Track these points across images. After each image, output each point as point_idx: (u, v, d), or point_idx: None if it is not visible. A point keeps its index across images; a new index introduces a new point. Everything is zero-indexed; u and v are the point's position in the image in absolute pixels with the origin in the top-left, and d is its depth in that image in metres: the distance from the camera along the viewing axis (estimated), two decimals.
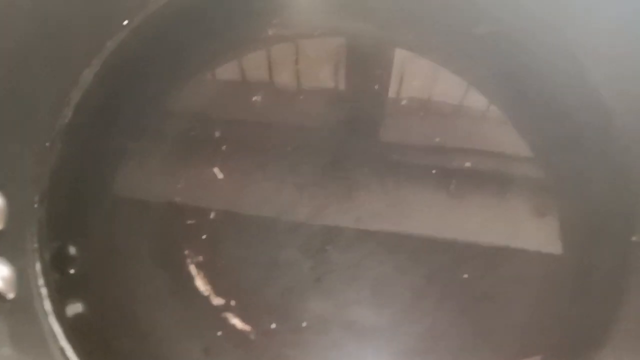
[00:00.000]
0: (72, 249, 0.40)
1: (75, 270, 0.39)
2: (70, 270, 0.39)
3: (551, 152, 0.43)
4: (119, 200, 0.42)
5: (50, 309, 0.37)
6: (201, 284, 0.39)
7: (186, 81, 0.46)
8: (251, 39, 0.48)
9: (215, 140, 0.43)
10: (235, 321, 0.38)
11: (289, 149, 0.43)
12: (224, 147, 0.43)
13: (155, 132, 0.44)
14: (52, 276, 0.38)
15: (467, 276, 0.39)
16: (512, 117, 0.44)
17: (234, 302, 0.38)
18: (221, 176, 0.42)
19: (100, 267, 0.40)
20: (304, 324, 0.38)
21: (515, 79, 0.45)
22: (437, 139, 0.43)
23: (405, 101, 0.45)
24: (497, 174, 0.42)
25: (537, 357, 0.37)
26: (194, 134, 0.44)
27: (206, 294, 0.39)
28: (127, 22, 0.46)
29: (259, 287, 0.39)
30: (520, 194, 0.42)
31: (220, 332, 0.38)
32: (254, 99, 0.45)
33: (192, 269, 0.39)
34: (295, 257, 0.39)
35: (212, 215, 0.41)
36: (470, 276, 0.39)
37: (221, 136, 0.43)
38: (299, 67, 0.46)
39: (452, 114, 0.44)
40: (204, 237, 0.40)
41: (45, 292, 0.38)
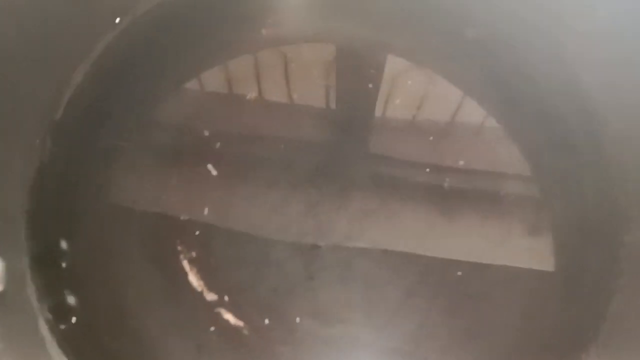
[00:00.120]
0: (63, 245, 0.39)
1: (65, 266, 0.39)
2: (60, 266, 0.39)
3: (542, 156, 0.43)
4: (110, 197, 0.41)
5: (39, 306, 0.37)
6: (194, 280, 0.39)
7: (178, 81, 0.46)
8: (244, 40, 0.47)
9: (208, 138, 0.43)
10: (228, 317, 0.38)
11: (282, 147, 0.43)
12: (218, 145, 0.43)
13: (147, 130, 0.44)
14: (42, 273, 0.38)
15: (459, 275, 0.39)
16: (504, 119, 0.44)
17: (227, 297, 0.38)
18: (215, 173, 0.42)
19: (91, 263, 0.39)
20: (297, 320, 0.38)
21: (506, 82, 0.45)
22: (431, 138, 0.43)
23: (398, 101, 0.45)
24: (490, 175, 0.43)
25: (528, 357, 0.37)
26: (187, 132, 0.43)
27: (199, 289, 0.39)
28: (118, 20, 0.45)
29: (252, 283, 0.39)
30: (512, 197, 0.42)
31: (213, 328, 0.38)
32: (248, 98, 0.45)
33: (185, 264, 0.39)
34: (288, 254, 0.40)
35: (206, 211, 0.41)
36: (462, 275, 0.39)
37: (215, 134, 0.43)
38: (292, 68, 0.46)
39: (445, 115, 0.45)
40: (197, 233, 0.40)
41: (34, 289, 0.37)
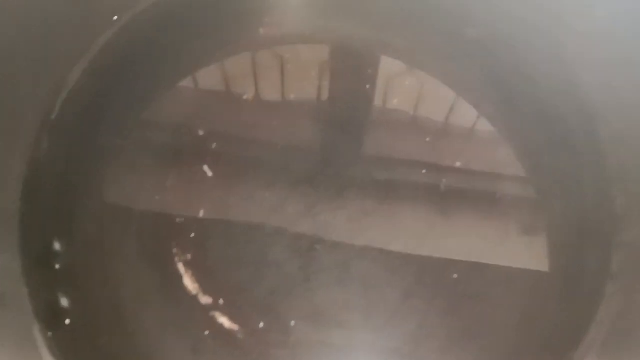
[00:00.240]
0: (58, 246, 0.39)
1: (60, 267, 0.39)
2: (55, 267, 0.38)
3: (541, 156, 0.43)
4: (106, 197, 0.41)
5: (33, 307, 0.37)
6: (189, 283, 0.38)
7: (176, 80, 0.46)
8: (242, 39, 0.47)
9: (205, 138, 0.43)
10: (223, 320, 0.38)
11: (280, 148, 0.43)
12: (214, 146, 0.43)
13: (144, 130, 0.43)
14: (36, 273, 0.38)
15: (456, 276, 0.39)
16: (503, 119, 0.44)
17: (222, 301, 0.38)
18: (211, 174, 0.42)
19: (86, 264, 0.39)
20: (293, 323, 0.38)
21: (506, 82, 0.45)
22: (429, 139, 0.43)
23: (396, 101, 0.45)
24: (488, 175, 0.42)
25: (526, 357, 0.37)
26: (184, 132, 0.43)
27: (194, 292, 0.38)
28: (116, 18, 0.45)
29: (247, 286, 0.38)
30: (510, 196, 0.42)
31: (208, 331, 0.37)
32: (245, 97, 0.44)
33: (180, 267, 0.39)
34: (284, 256, 0.39)
35: (201, 213, 0.40)
36: (459, 277, 0.39)
37: (211, 134, 0.43)
38: (289, 67, 0.46)
39: (443, 115, 0.44)
40: (193, 235, 0.40)
41: (28, 289, 0.37)
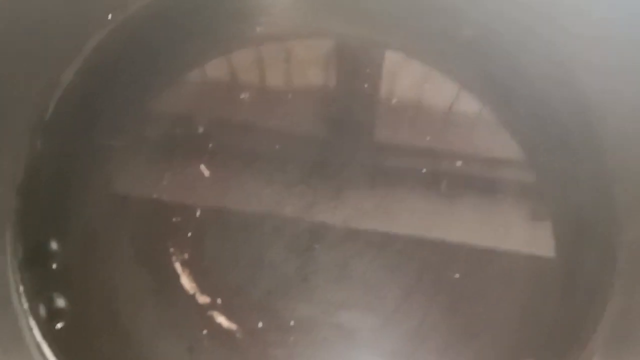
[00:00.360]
0: (53, 246, 0.39)
1: (56, 267, 0.38)
2: (50, 267, 0.38)
3: (539, 155, 0.43)
4: (102, 196, 0.41)
5: (28, 307, 0.36)
6: (186, 282, 0.38)
7: (172, 79, 0.46)
8: (239, 37, 0.47)
9: (201, 138, 0.43)
10: (221, 320, 0.37)
11: (277, 147, 0.42)
12: (211, 145, 0.42)
13: (139, 129, 0.43)
14: (31, 273, 0.37)
15: (457, 276, 0.38)
16: (501, 118, 0.44)
17: (219, 300, 0.38)
18: (207, 174, 0.41)
19: (82, 264, 0.39)
20: (291, 323, 0.37)
21: (502, 82, 0.45)
22: (427, 138, 0.43)
23: (394, 101, 0.44)
24: (487, 175, 0.42)
25: (526, 356, 0.37)
26: (180, 131, 0.43)
27: (192, 292, 0.38)
28: (110, 16, 0.45)
29: (245, 285, 0.38)
30: (509, 196, 0.42)
31: (205, 331, 0.37)
32: (242, 97, 0.44)
33: (178, 266, 0.39)
34: (282, 256, 0.39)
35: (198, 212, 0.40)
36: (459, 276, 0.38)
37: (208, 134, 0.43)
38: (287, 66, 0.46)
39: (442, 114, 0.44)
40: (190, 234, 0.39)
41: (23, 289, 0.37)
